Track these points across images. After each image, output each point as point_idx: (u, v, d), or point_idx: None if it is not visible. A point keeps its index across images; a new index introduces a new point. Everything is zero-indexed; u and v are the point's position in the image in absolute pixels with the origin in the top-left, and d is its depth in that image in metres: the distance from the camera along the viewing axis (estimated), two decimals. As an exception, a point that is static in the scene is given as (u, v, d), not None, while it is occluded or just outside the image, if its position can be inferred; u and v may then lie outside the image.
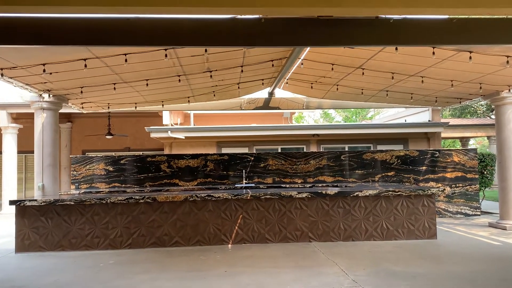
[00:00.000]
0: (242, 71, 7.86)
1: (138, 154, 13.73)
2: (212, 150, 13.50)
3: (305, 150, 13.67)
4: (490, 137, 20.13)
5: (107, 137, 14.22)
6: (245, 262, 5.76)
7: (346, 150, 12.92)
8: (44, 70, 6.15)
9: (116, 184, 10.27)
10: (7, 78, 6.65)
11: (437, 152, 10.45)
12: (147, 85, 7.85)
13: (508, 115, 8.62)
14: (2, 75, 6.33)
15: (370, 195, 7.13)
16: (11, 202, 6.80)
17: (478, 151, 10.90)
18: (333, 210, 7.16)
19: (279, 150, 13.56)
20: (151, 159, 10.37)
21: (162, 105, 10.44)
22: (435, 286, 4.57)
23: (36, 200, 6.75)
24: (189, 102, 10.22)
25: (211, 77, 7.93)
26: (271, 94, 10.62)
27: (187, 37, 4.75)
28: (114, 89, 7.86)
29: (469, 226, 8.88)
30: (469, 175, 10.33)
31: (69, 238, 6.82)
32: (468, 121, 21.79)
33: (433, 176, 10.34)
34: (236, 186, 9.79)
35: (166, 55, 5.98)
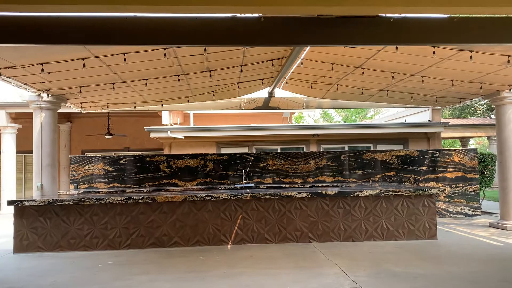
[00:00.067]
0: (241, 71, 7.83)
1: (138, 154, 13.69)
2: (211, 150, 13.46)
3: (305, 150, 13.63)
4: (490, 137, 20.10)
5: (107, 137, 14.19)
6: (244, 263, 5.73)
7: (346, 150, 12.89)
8: (42, 70, 6.12)
9: (115, 184, 10.24)
10: (5, 77, 6.61)
11: (437, 152, 10.42)
12: (146, 84, 7.81)
13: (508, 115, 8.59)
14: (0, 75, 6.29)
15: (370, 195, 7.10)
16: (10, 202, 6.78)
17: (478, 151, 10.87)
18: (333, 210, 7.13)
19: (279, 150, 13.52)
20: (151, 159, 10.35)
21: (162, 105, 10.41)
22: (436, 287, 4.54)
23: (34, 200, 6.73)
24: (188, 102, 10.18)
25: (211, 76, 7.90)
26: (271, 94, 10.58)
27: (186, 36, 4.72)
28: (113, 88, 7.83)
29: (469, 226, 8.85)
30: (469, 175, 10.31)
31: (67, 238, 6.79)
32: (468, 121, 21.76)
33: (433, 176, 10.31)
34: (235, 186, 9.76)
35: (165, 55, 5.95)
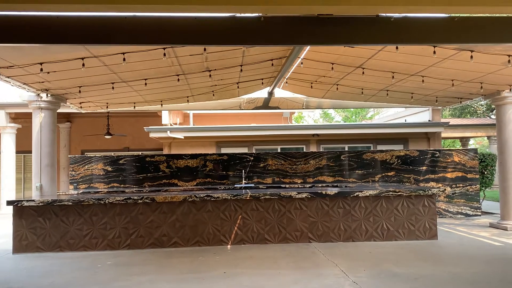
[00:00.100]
0: (241, 71, 7.81)
1: (137, 154, 13.67)
2: (211, 150, 13.44)
3: (304, 150, 13.60)
4: (490, 137, 20.09)
5: (106, 137, 14.18)
6: (244, 263, 5.71)
7: (346, 150, 12.86)
8: (41, 69, 6.09)
9: (115, 184, 10.22)
10: (4, 77, 6.59)
11: (437, 152, 10.40)
12: (146, 84, 7.79)
13: (509, 115, 8.56)
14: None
15: (370, 196, 7.08)
16: (9, 203, 6.76)
17: (479, 151, 10.85)
18: (333, 210, 7.11)
19: (279, 150, 13.50)
20: (150, 159, 10.32)
21: (161, 104, 10.38)
22: (437, 287, 4.52)
23: (33, 200, 6.70)
24: (188, 101, 10.16)
25: (210, 76, 7.88)
26: (271, 93, 10.56)
27: (186, 35, 4.70)
28: (113, 88, 7.80)
29: (469, 226, 8.83)
30: (469, 175, 10.29)
31: (67, 238, 6.77)
32: (468, 121, 21.75)
33: (433, 176, 10.29)
34: (235, 186, 9.74)
35: (164, 54, 5.93)
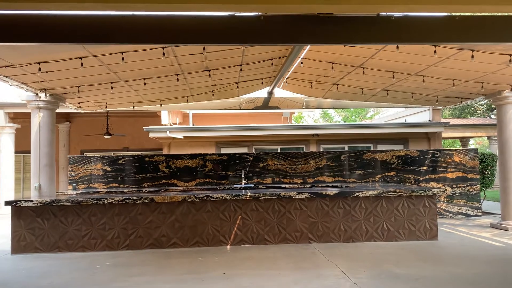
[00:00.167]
0: (241, 70, 7.77)
1: (137, 154, 13.62)
2: (211, 150, 13.40)
3: (304, 150, 13.57)
4: (490, 137, 20.06)
5: (106, 137, 14.14)
6: (244, 264, 5.67)
7: (346, 150, 12.82)
8: (39, 69, 6.05)
9: (114, 184, 10.18)
10: (2, 76, 6.54)
11: (437, 152, 10.37)
12: (145, 84, 7.75)
13: (510, 115, 8.52)
14: (-3, 74, 6.25)
15: (370, 196, 7.04)
16: (7, 203, 6.71)
17: (479, 151, 10.81)
18: (333, 210, 7.07)
19: (279, 150, 13.47)
20: (150, 159, 10.28)
21: (161, 104, 10.34)
22: (438, 288, 4.50)
23: (32, 200, 6.66)
24: (187, 101, 10.11)
25: (210, 76, 7.85)
26: (271, 93, 10.53)
27: (185, 34, 4.65)
28: (112, 88, 7.76)
29: (470, 227, 8.80)
30: (470, 175, 10.25)
31: (65, 239, 6.73)
32: (468, 121, 21.72)
33: (433, 176, 10.26)
34: (235, 186, 9.70)
35: (163, 54, 5.89)
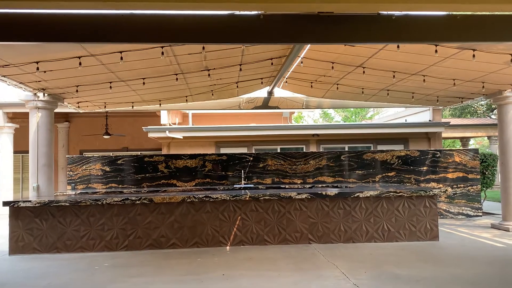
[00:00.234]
0: (240, 70, 7.73)
1: (136, 154, 13.59)
2: (210, 150, 13.36)
3: (304, 150, 13.53)
4: (490, 137, 20.02)
5: (105, 137, 14.10)
6: (243, 265, 5.63)
7: (346, 150, 12.79)
8: (37, 68, 6.01)
9: (113, 184, 10.14)
10: (0, 76, 6.49)
11: (438, 152, 10.33)
12: (144, 84, 7.70)
13: (511, 115, 8.48)
14: (-5, 73, 6.20)
15: (371, 196, 7.00)
16: (5, 203, 6.67)
17: (480, 151, 10.77)
18: (333, 211, 7.03)
19: (278, 150, 13.43)
20: (149, 159, 10.24)
21: (160, 104, 10.29)
22: (439, 290, 4.46)
23: (30, 201, 6.62)
24: (187, 101, 10.07)
25: (209, 76, 7.81)
26: (270, 93, 10.49)
27: (184, 33, 4.61)
28: (110, 88, 7.72)
29: (471, 227, 8.76)
30: (470, 176, 10.21)
31: (64, 240, 6.69)
32: (468, 121, 21.70)
33: (434, 176, 10.22)
34: (234, 186, 9.66)
35: (162, 53, 5.85)
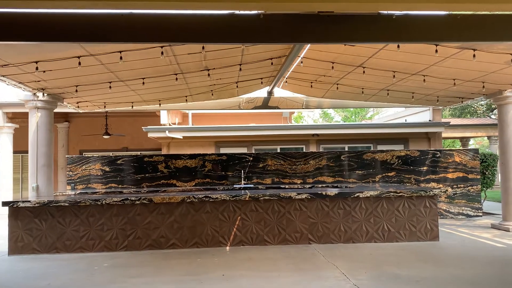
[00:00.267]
0: (240, 70, 7.72)
1: (135, 154, 13.57)
2: (210, 150, 13.35)
3: (304, 150, 13.52)
4: (490, 137, 20.02)
5: (105, 136, 14.09)
6: (243, 265, 5.61)
7: (346, 150, 12.77)
8: (37, 68, 5.99)
9: (112, 184, 10.12)
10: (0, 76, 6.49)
11: (438, 152, 10.31)
12: (144, 83, 7.69)
13: (511, 115, 8.47)
14: (-6, 73, 6.18)
15: (371, 196, 6.98)
16: (4, 203, 6.65)
17: (480, 151, 10.76)
18: (333, 211, 7.01)
19: (278, 150, 13.41)
20: (148, 159, 10.22)
21: (159, 104, 10.28)
22: (440, 290, 4.44)
23: (29, 201, 6.60)
24: (186, 101, 10.06)
25: (209, 75, 7.79)
26: (270, 93, 10.47)
27: (184, 33, 4.60)
28: (110, 87, 7.70)
29: (471, 227, 8.74)
30: (470, 176, 10.20)
31: (63, 240, 6.67)
32: (468, 121, 21.70)
33: (434, 176, 10.20)
34: (234, 186, 9.64)
35: (162, 53, 5.84)
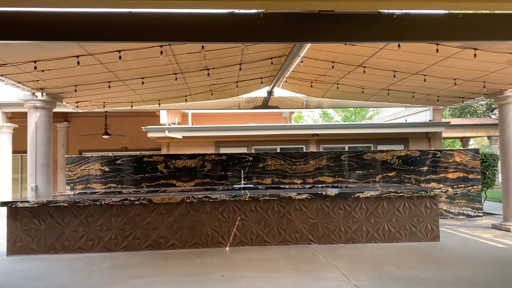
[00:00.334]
0: (240, 69, 7.69)
1: (135, 154, 13.54)
2: (210, 150, 13.32)
3: (304, 150, 13.49)
4: (490, 137, 20.00)
5: (104, 136, 14.06)
6: (243, 266, 5.59)
7: (346, 150, 12.75)
8: (35, 67, 5.96)
9: (112, 184, 10.09)
10: (-2, 75, 6.47)
11: (438, 152, 10.28)
12: (143, 83, 7.66)
13: (512, 115, 8.45)
14: (-7, 73, 6.15)
15: (371, 196, 6.96)
16: (3, 204, 6.62)
17: (480, 151, 10.73)
18: (333, 211, 6.98)
19: (278, 150, 13.39)
20: (148, 159, 10.19)
21: (159, 104, 10.25)
22: (441, 291, 4.41)
23: (28, 201, 6.57)
24: (186, 101, 10.02)
25: (209, 75, 7.76)
26: (270, 93, 10.44)
27: (183, 32, 4.57)
28: (109, 87, 7.67)
29: (472, 227, 8.72)
30: (471, 176, 10.17)
31: (62, 240, 6.64)
32: (468, 120, 21.67)
33: (434, 176, 10.18)
34: (234, 187, 9.61)
35: (161, 52, 5.81)
